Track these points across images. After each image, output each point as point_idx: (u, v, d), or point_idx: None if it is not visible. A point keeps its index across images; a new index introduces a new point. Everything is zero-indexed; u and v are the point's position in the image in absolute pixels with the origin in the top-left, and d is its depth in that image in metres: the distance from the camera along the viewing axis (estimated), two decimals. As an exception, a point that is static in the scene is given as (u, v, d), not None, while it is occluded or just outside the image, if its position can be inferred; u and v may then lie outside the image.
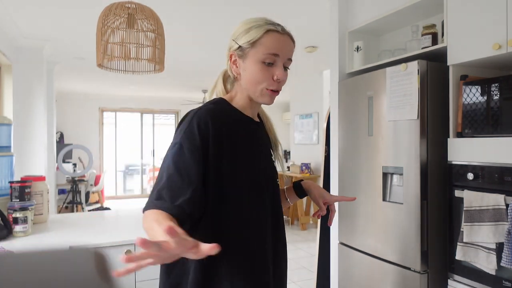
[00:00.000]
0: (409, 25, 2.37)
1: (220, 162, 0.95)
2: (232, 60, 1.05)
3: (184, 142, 0.94)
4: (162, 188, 0.90)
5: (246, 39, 1.00)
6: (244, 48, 1.01)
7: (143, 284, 1.75)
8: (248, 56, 1.01)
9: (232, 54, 1.04)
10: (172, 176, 0.91)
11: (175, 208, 0.87)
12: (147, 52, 2.02)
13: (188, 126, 0.96)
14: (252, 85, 1.03)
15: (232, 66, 1.05)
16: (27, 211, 1.79)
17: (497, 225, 1.52)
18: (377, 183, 2.09)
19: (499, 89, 1.60)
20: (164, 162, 0.95)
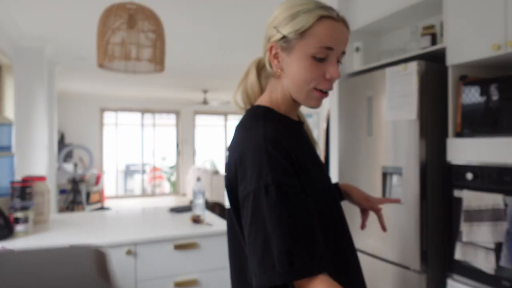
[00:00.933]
0: (409, 25, 2.37)
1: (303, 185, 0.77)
2: (272, 53, 0.83)
3: (279, 181, 0.71)
4: (290, 247, 0.67)
5: (292, 28, 0.79)
6: (290, 39, 0.80)
7: (143, 283, 1.76)
8: (295, 49, 0.80)
9: (273, 45, 0.83)
10: (295, 228, 0.69)
11: (324, 263, 0.70)
12: (147, 53, 2.03)
13: (267, 156, 0.73)
14: (297, 85, 0.82)
15: (272, 60, 0.84)
16: (28, 211, 1.80)
17: (496, 225, 1.53)
18: (377, 183, 2.09)
19: (498, 90, 1.61)
20: (264, 218, 0.70)
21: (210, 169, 7.37)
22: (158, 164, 9.68)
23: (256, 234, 0.70)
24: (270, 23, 0.84)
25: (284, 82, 0.85)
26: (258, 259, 0.69)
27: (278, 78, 0.86)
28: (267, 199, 0.70)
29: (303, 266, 0.67)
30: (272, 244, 0.68)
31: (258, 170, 0.73)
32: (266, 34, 0.85)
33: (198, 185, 2.25)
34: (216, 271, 1.92)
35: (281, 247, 0.67)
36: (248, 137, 0.79)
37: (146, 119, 9.28)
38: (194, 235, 1.87)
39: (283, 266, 0.67)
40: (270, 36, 0.83)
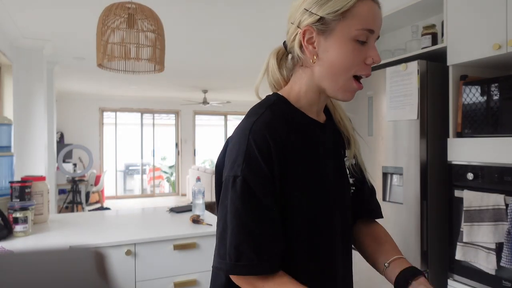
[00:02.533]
0: (409, 25, 2.37)
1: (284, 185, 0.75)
2: (306, 37, 0.75)
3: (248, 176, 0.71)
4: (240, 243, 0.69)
5: (331, 8, 0.72)
6: (328, 21, 0.73)
7: (143, 284, 1.75)
8: (335, 31, 0.73)
9: (307, 29, 0.75)
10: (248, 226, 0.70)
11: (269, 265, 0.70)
12: (147, 52, 2.02)
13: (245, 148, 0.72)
14: (336, 73, 0.76)
15: (306, 46, 0.76)
16: (27, 211, 1.79)
17: (496, 225, 1.52)
18: (377, 183, 2.09)
19: (499, 89, 1.60)
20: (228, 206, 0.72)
21: (210, 169, 7.37)
22: (157, 164, 9.67)
23: (219, 220, 0.74)
24: (297, 6, 0.77)
25: (317, 71, 0.77)
26: (217, 244, 0.73)
27: (308, 67, 0.78)
28: (232, 190, 0.72)
29: (248, 264, 0.69)
30: (227, 234, 0.71)
31: (233, 159, 0.74)
32: (294, 18, 0.77)
33: (197, 185, 2.24)
34: (216, 272, 1.91)
35: (232, 240, 0.70)
36: (241, 125, 0.79)
37: (145, 119, 9.28)
38: (194, 235, 1.87)
39: (231, 259, 0.70)
40: (301, 20, 0.75)
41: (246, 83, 7.17)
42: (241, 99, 9.52)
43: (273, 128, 0.75)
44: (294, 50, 0.78)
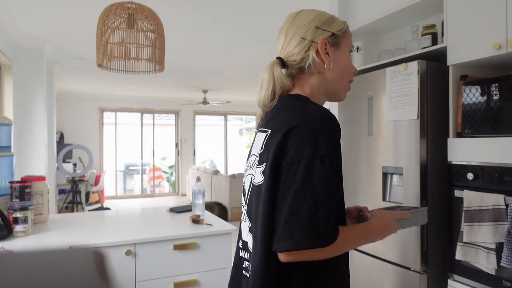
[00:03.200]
0: (409, 25, 2.37)
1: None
2: (324, 49, 0.91)
3: (335, 155, 0.80)
4: (333, 215, 0.78)
5: (338, 27, 0.93)
6: (337, 36, 0.93)
7: (143, 284, 1.75)
8: (341, 45, 0.94)
9: (324, 41, 0.91)
10: (329, 200, 0.78)
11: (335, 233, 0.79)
12: (147, 52, 2.02)
13: (326, 130, 0.80)
14: (343, 77, 0.95)
15: (323, 56, 0.91)
16: (27, 211, 1.79)
17: (497, 225, 1.52)
18: (377, 183, 2.09)
19: (499, 89, 1.60)
20: (325, 177, 0.77)
21: (210, 169, 7.37)
22: (157, 164, 9.67)
23: (304, 199, 0.76)
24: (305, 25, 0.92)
25: (329, 75, 0.94)
26: (304, 222, 0.75)
27: (322, 72, 0.93)
28: (322, 169, 0.77)
29: (337, 233, 0.78)
30: (320, 211, 0.76)
31: (315, 140, 0.79)
32: (304, 34, 0.92)
33: (197, 185, 2.24)
34: (216, 271, 1.91)
35: (328, 215, 0.76)
36: (308, 111, 0.86)
37: (145, 119, 9.28)
38: (194, 235, 1.87)
39: (328, 229, 0.76)
40: (315, 35, 0.92)
41: (246, 83, 7.17)
42: (241, 99, 9.52)
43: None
44: (309, 58, 0.92)
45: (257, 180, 0.88)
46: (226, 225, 2.01)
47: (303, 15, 0.94)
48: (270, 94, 0.95)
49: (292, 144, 0.80)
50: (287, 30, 0.95)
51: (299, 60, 0.92)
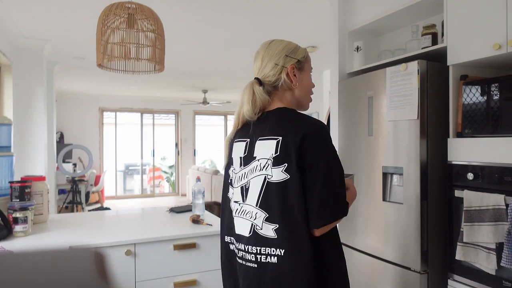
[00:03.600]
0: (409, 25, 2.37)
1: None
2: (292, 72, 1.20)
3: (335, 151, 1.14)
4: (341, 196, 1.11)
5: (301, 55, 1.22)
6: (301, 62, 1.22)
7: (143, 284, 1.75)
8: (304, 68, 1.23)
9: (293, 67, 1.20)
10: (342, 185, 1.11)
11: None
12: (147, 52, 2.02)
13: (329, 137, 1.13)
14: (308, 92, 1.25)
15: (292, 78, 1.20)
16: (27, 211, 1.79)
17: (497, 225, 1.52)
18: (377, 183, 2.09)
19: (499, 89, 1.60)
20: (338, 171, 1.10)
21: (210, 169, 7.37)
22: (157, 164, 9.67)
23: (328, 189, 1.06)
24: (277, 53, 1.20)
25: (297, 92, 1.23)
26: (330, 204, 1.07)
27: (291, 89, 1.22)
28: (335, 165, 1.09)
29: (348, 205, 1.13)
30: (338, 195, 1.08)
31: (327, 143, 1.09)
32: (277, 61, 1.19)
33: (197, 185, 2.24)
34: (216, 272, 1.91)
35: (343, 196, 1.10)
36: (309, 121, 1.11)
37: (145, 119, 9.28)
38: (194, 235, 1.87)
39: (345, 205, 1.10)
40: (285, 62, 1.19)
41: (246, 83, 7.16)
42: (241, 99, 9.50)
43: None
44: (281, 80, 1.19)
45: (277, 178, 1.08)
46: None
47: (274, 45, 1.21)
48: (251, 107, 1.17)
49: (309, 149, 1.06)
50: (262, 57, 1.21)
51: (274, 80, 1.19)
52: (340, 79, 2.58)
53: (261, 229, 1.09)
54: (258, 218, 1.10)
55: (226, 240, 1.21)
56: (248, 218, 1.12)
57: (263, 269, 1.08)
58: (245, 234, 1.13)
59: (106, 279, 0.32)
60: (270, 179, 1.09)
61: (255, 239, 1.10)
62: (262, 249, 1.09)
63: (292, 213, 1.05)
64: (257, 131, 1.16)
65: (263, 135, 1.13)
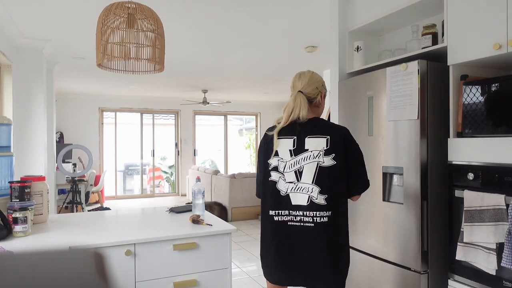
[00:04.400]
0: (409, 25, 2.37)
1: None
2: (323, 97, 1.72)
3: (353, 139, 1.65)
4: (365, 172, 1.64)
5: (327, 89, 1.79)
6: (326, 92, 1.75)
7: (142, 284, 1.75)
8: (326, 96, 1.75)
9: (324, 93, 1.72)
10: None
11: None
12: (147, 52, 2.02)
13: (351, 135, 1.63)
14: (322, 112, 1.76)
15: (322, 100, 1.72)
16: (27, 211, 1.79)
17: (497, 225, 1.52)
18: (377, 183, 2.08)
19: (499, 89, 1.60)
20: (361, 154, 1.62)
21: (210, 169, 7.36)
22: (157, 164, 9.67)
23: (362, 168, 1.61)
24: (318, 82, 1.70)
25: (320, 110, 1.74)
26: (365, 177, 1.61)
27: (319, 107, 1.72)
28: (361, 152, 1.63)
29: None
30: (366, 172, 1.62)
31: (354, 140, 1.62)
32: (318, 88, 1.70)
33: (197, 185, 2.24)
34: (216, 272, 1.91)
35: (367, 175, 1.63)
36: (341, 127, 1.62)
37: (145, 119, 9.28)
38: (194, 236, 1.86)
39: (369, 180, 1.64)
40: (322, 89, 1.71)
41: (246, 83, 7.16)
42: (241, 99, 9.52)
43: None
44: (316, 100, 1.70)
45: (328, 164, 1.57)
46: (226, 225, 2.01)
47: (317, 75, 1.72)
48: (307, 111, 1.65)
49: (348, 143, 1.59)
50: (309, 79, 1.69)
51: (312, 97, 1.69)
52: (340, 79, 2.58)
53: (316, 199, 1.57)
54: (314, 191, 1.58)
55: (271, 213, 1.64)
56: (305, 192, 1.59)
57: (318, 226, 1.56)
58: (303, 203, 1.59)
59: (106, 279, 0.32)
60: (322, 164, 1.58)
61: (311, 206, 1.57)
62: (317, 213, 1.56)
63: (338, 187, 1.57)
64: (303, 131, 1.63)
65: (312, 134, 1.61)
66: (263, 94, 8.72)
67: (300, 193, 1.60)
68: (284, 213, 1.62)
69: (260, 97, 9.17)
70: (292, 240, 1.60)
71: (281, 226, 1.62)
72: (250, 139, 11.00)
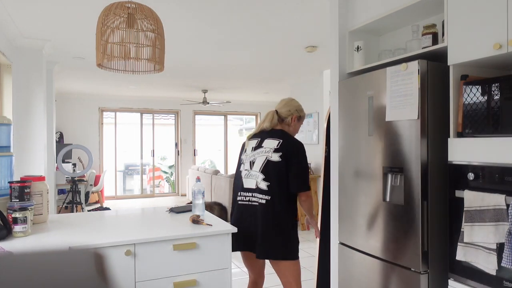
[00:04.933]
0: (410, 25, 2.36)
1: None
2: (294, 119, 2.25)
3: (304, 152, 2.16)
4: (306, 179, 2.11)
5: (302, 114, 2.30)
6: (300, 117, 2.28)
7: (142, 284, 1.75)
8: (299, 121, 2.29)
9: (295, 116, 2.25)
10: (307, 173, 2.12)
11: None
12: (146, 52, 2.02)
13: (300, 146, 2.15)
14: (294, 132, 2.28)
15: (292, 121, 2.25)
16: (26, 211, 1.78)
17: (497, 226, 1.52)
18: (377, 183, 2.08)
19: (499, 89, 1.60)
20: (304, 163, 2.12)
21: (209, 169, 7.36)
22: (157, 164, 9.67)
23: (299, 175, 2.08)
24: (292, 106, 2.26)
25: (291, 129, 2.27)
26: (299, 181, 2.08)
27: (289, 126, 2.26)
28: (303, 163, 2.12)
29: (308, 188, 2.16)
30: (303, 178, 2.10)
31: (304, 156, 2.13)
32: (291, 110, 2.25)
33: (197, 185, 2.24)
34: (216, 272, 1.91)
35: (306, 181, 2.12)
36: (296, 141, 2.16)
37: (145, 119, 9.27)
38: (194, 236, 1.86)
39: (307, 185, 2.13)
40: (293, 113, 2.25)
41: (246, 83, 7.16)
42: (241, 99, 9.52)
43: None
44: (288, 119, 2.25)
45: (274, 159, 2.09)
46: (226, 225, 2.00)
47: (294, 101, 2.29)
48: (270, 124, 2.22)
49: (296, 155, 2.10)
50: (285, 103, 2.28)
51: (284, 116, 2.24)
52: (340, 79, 2.57)
53: (260, 184, 2.09)
54: (259, 178, 2.09)
55: (238, 197, 2.20)
56: (254, 178, 2.12)
57: (261, 206, 2.08)
58: (252, 187, 2.12)
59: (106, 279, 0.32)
60: (270, 158, 2.10)
61: (257, 190, 2.10)
62: (260, 195, 2.08)
63: (278, 178, 2.07)
64: (267, 135, 2.18)
65: (270, 137, 2.16)
66: (263, 94, 8.72)
67: (250, 179, 2.13)
68: (243, 195, 2.15)
69: (260, 97, 9.17)
70: (246, 216, 2.11)
71: (240, 205, 2.16)
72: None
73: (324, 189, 2.94)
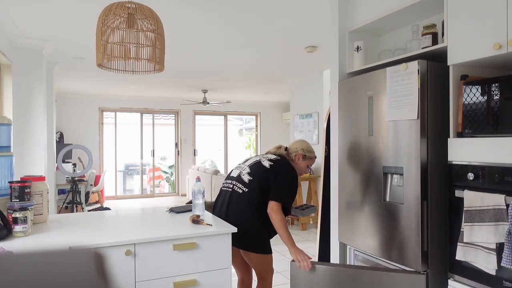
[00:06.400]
0: (409, 25, 2.37)
1: None
2: (298, 157, 2.41)
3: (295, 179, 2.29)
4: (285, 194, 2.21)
5: (309, 155, 2.43)
6: (306, 156, 2.42)
7: (142, 284, 1.75)
8: (305, 160, 2.43)
9: (300, 154, 2.41)
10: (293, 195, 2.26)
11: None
12: (146, 52, 2.02)
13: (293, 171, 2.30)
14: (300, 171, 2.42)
15: (298, 158, 2.41)
16: (26, 211, 1.79)
17: (497, 225, 1.52)
18: (377, 183, 2.08)
19: (499, 89, 1.60)
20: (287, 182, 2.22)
21: (210, 169, 7.36)
22: (157, 164, 9.67)
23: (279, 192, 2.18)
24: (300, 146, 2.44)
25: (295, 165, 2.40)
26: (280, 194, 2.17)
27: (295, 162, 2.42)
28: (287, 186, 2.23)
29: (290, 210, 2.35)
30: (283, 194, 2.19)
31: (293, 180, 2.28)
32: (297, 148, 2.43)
33: (197, 185, 2.24)
34: (216, 272, 1.91)
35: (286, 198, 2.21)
36: (290, 166, 2.32)
37: (145, 119, 9.27)
38: (194, 236, 1.86)
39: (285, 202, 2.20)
40: (298, 151, 2.42)
41: (246, 83, 7.16)
42: (241, 99, 9.52)
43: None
44: (293, 155, 2.43)
45: (265, 164, 2.27)
46: (225, 226, 2.01)
47: (303, 142, 2.46)
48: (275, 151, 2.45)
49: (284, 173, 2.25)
50: (296, 141, 2.47)
51: (290, 152, 2.44)
52: (340, 79, 2.57)
53: (244, 175, 2.28)
54: (244, 171, 2.30)
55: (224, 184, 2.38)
56: (240, 170, 2.33)
57: (237, 194, 2.23)
58: (235, 176, 2.31)
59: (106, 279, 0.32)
60: (261, 162, 2.30)
61: (239, 180, 2.27)
62: (240, 185, 2.25)
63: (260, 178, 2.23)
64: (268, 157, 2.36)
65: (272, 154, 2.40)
66: (263, 94, 8.72)
67: (237, 169, 2.37)
68: (227, 182, 2.36)
69: (260, 97, 9.17)
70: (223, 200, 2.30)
71: (222, 190, 2.37)
72: (250, 139, 11.00)
73: (324, 189, 2.94)
